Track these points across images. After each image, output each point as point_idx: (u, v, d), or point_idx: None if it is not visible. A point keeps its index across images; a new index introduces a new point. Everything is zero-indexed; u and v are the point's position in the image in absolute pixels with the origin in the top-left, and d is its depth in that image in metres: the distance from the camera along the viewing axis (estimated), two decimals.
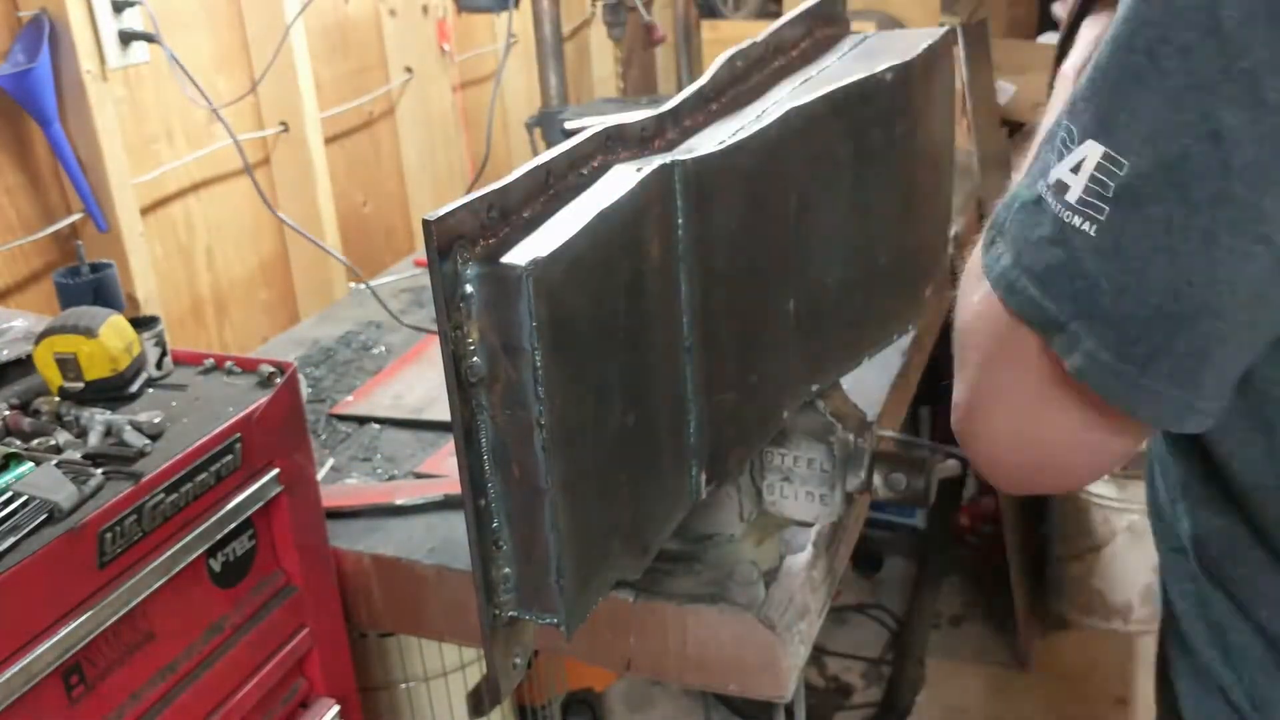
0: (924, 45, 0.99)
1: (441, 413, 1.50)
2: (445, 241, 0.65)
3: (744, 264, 0.85)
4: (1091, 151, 0.59)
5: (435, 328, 0.76)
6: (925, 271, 1.11)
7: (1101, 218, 0.59)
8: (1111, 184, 0.58)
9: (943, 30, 1.04)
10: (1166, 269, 0.58)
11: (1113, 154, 0.58)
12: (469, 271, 0.67)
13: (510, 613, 0.75)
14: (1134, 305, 0.59)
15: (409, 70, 2.34)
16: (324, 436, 1.48)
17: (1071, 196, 0.60)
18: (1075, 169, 0.60)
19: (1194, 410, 0.61)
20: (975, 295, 0.70)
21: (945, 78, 1.06)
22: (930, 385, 1.87)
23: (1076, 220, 0.60)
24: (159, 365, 1.11)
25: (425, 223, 0.64)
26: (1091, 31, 0.89)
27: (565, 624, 0.74)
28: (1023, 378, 0.67)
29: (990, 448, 0.74)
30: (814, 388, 0.99)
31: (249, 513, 1.05)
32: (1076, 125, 0.60)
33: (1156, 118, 0.57)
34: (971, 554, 3.00)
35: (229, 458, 1.01)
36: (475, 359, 0.68)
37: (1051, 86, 0.90)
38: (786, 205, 0.89)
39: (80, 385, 1.04)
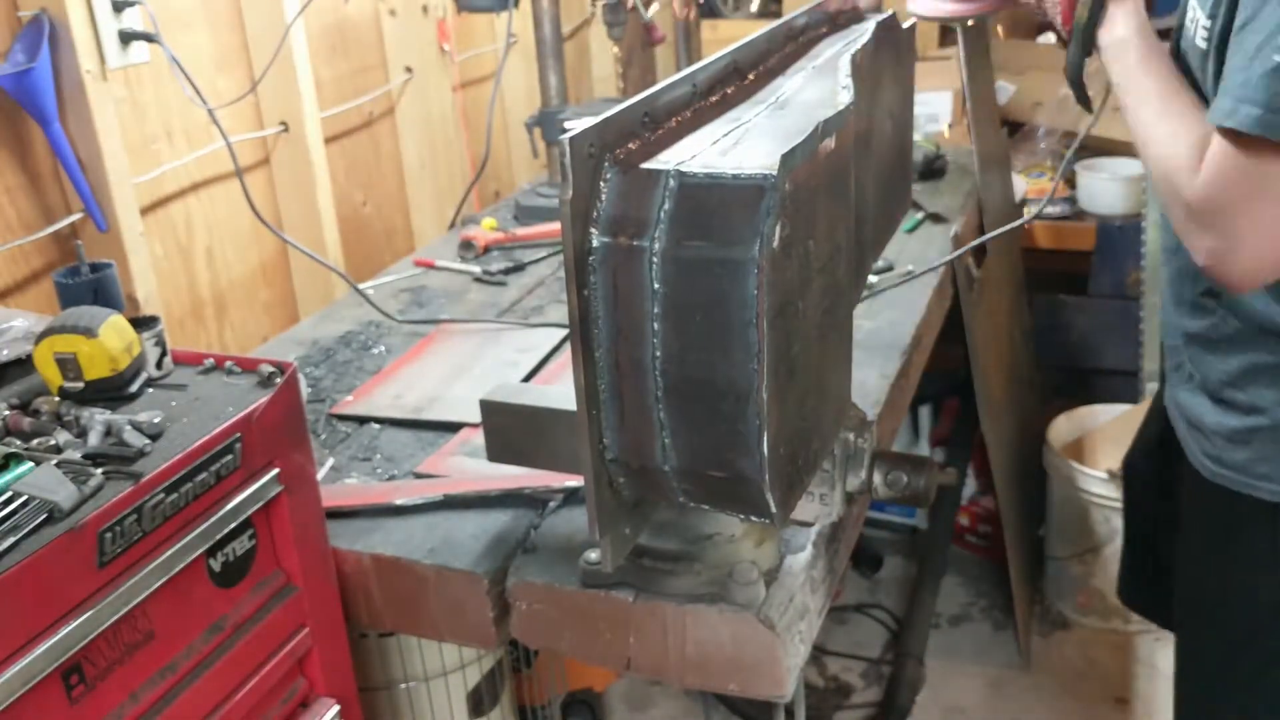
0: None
1: (441, 412, 1.50)
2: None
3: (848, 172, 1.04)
4: None
5: (433, 323, 0.77)
6: (907, 168, 1.50)
7: None
8: None
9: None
10: None
11: None
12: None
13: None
14: None
15: (409, 70, 2.34)
16: (324, 436, 1.48)
17: None
18: None
19: None
20: (1201, 174, 1.09)
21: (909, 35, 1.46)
22: (930, 385, 1.88)
23: None
24: (159, 365, 1.11)
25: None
26: (1127, 6, 1.24)
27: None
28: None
29: (1258, 256, 1.08)
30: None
31: (249, 513, 1.05)
32: None
33: None
34: (971, 554, 3.00)
35: (229, 458, 1.01)
36: None
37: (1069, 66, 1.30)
38: (866, 129, 1.14)
39: (80, 385, 1.04)
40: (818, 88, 1.04)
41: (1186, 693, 1.48)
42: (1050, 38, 3.22)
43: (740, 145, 0.87)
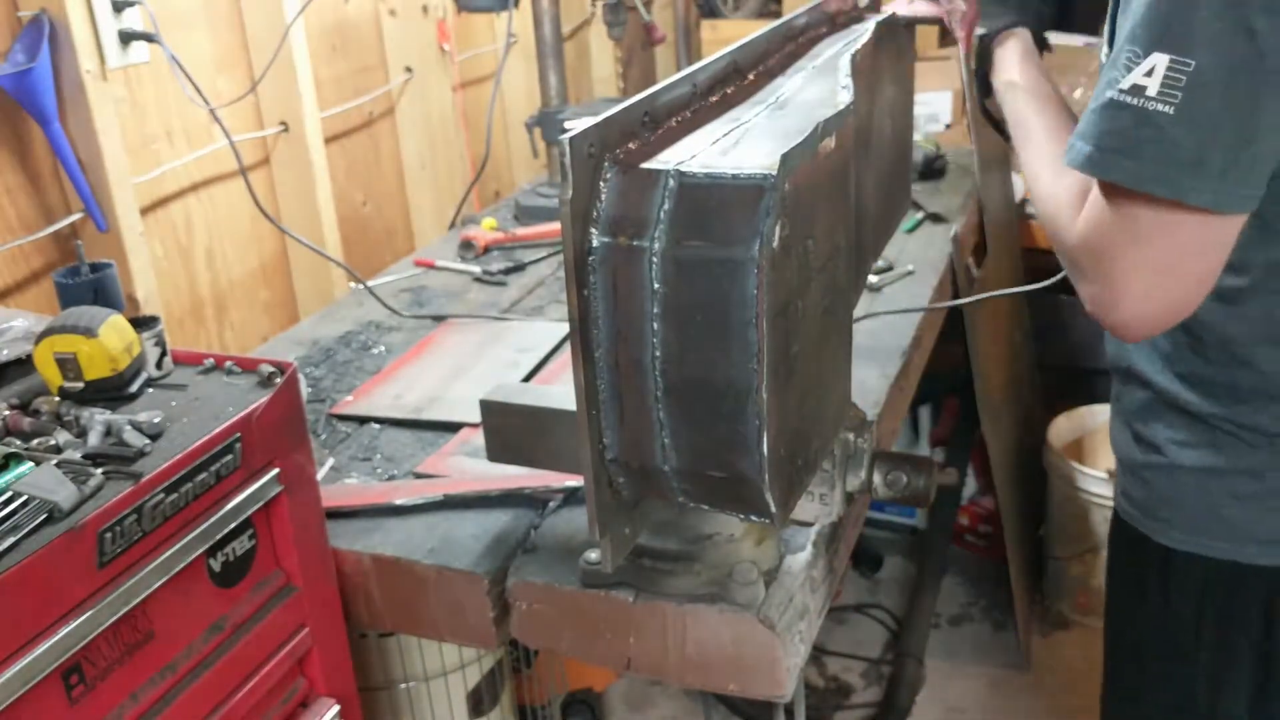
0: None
1: (441, 412, 1.50)
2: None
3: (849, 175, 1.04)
4: (1160, 60, 0.89)
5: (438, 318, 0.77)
6: (907, 168, 1.52)
7: (1177, 102, 0.89)
8: (1183, 78, 0.88)
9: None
10: (1229, 124, 0.89)
11: (1178, 59, 0.88)
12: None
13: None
14: (1208, 150, 0.90)
15: (409, 70, 2.34)
16: (324, 436, 1.48)
17: (1151, 92, 0.90)
18: (1148, 74, 0.90)
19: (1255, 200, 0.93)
20: (1079, 219, 1.01)
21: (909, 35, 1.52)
22: (930, 385, 1.87)
23: (1160, 106, 0.89)
24: (159, 365, 1.11)
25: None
26: (1010, 52, 1.29)
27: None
28: (1145, 227, 0.95)
29: (1138, 305, 0.99)
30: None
31: (249, 513, 1.05)
32: (1140, 46, 0.90)
33: (1208, 29, 0.87)
34: (971, 554, 3.00)
35: (229, 458, 1.01)
36: None
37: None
38: (866, 129, 1.16)
39: (80, 385, 1.04)
40: (817, 88, 1.04)
41: None
42: (1054, 37, 3.21)
43: (740, 145, 0.87)
